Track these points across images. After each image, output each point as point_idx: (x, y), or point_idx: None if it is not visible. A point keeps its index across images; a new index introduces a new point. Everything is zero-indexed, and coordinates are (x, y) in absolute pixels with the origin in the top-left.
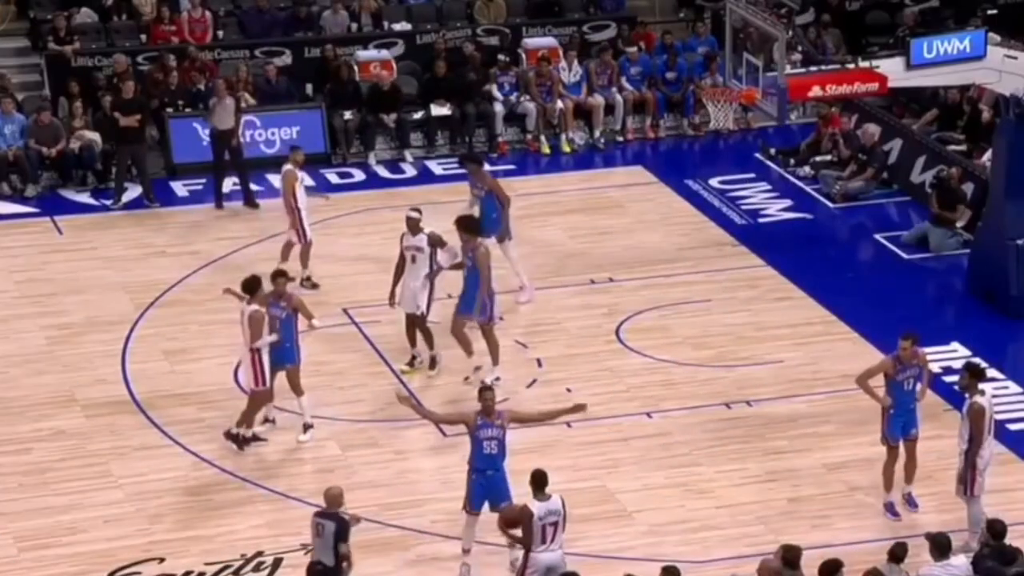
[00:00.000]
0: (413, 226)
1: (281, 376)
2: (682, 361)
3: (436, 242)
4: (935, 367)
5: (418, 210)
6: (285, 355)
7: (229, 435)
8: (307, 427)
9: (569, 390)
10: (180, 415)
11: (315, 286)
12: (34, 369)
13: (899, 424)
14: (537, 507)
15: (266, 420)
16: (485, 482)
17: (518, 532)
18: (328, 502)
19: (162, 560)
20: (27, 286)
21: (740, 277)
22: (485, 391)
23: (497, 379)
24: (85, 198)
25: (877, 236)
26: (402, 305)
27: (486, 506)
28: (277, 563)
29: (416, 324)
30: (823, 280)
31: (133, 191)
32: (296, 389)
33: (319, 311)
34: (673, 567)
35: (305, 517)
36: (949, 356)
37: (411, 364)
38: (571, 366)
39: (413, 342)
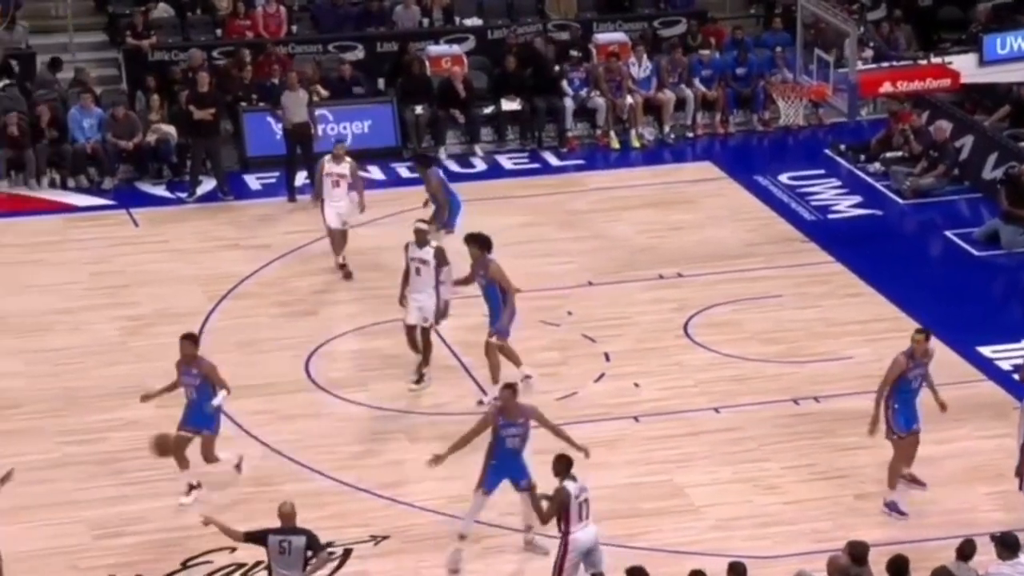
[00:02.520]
0: (420, 238)
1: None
2: (752, 357)
3: (440, 258)
4: (1005, 365)
5: (426, 222)
6: None
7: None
8: None
9: (637, 384)
10: (250, 406)
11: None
12: (106, 360)
13: (903, 417)
14: (572, 486)
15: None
16: (503, 469)
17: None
18: (284, 519)
19: (233, 550)
20: (101, 278)
21: (810, 273)
22: (505, 388)
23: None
24: (160, 191)
25: (948, 233)
26: (407, 317)
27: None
28: (347, 554)
29: (422, 336)
30: (893, 276)
31: (207, 184)
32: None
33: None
34: (739, 563)
35: (373, 509)
36: (1020, 353)
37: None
38: (640, 360)
39: (418, 352)
